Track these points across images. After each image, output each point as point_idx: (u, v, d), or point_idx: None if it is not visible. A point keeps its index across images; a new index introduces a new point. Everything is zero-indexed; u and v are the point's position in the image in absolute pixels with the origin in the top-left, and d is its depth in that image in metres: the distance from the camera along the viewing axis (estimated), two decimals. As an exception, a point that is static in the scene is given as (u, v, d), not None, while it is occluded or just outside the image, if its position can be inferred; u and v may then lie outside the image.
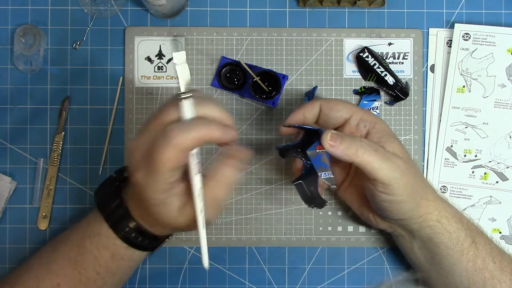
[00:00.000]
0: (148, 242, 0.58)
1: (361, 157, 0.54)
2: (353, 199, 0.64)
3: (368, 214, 0.63)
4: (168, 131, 0.48)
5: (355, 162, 0.55)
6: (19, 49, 0.69)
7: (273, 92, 0.68)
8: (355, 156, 0.54)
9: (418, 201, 0.59)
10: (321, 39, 0.70)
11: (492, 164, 0.69)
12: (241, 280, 0.70)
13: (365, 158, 0.54)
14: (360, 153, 0.54)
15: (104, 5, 0.70)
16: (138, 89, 0.70)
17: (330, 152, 0.55)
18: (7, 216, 0.69)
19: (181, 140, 0.48)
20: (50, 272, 0.57)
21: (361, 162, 0.54)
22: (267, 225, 0.70)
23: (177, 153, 0.48)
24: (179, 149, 0.48)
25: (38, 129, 0.70)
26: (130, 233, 0.57)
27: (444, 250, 0.60)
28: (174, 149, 0.48)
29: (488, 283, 0.59)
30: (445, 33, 0.70)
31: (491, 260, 0.60)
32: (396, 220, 0.60)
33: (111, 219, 0.57)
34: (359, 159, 0.54)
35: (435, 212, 0.60)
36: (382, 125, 0.59)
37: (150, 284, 0.69)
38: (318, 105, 0.60)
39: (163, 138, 0.48)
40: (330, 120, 0.60)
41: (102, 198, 0.58)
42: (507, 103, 0.69)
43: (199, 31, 0.70)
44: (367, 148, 0.55)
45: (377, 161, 0.54)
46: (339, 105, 0.59)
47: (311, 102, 0.60)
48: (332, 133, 0.55)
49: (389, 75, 0.68)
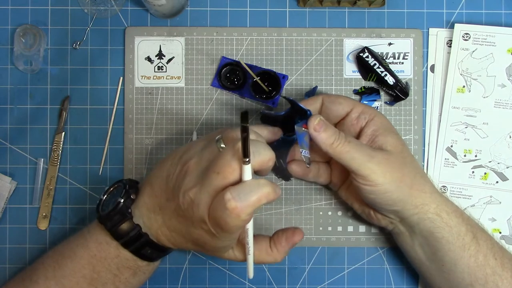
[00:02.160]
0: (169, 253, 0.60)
1: (335, 148, 0.56)
2: (354, 199, 0.65)
3: (369, 211, 0.63)
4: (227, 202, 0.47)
5: (330, 153, 0.57)
6: (19, 49, 0.69)
7: (273, 92, 0.69)
8: (331, 146, 0.56)
9: (407, 190, 0.59)
10: (321, 39, 0.70)
11: (492, 164, 0.69)
12: (241, 280, 0.70)
13: (339, 150, 0.56)
14: (335, 144, 0.56)
15: (104, 5, 0.70)
16: (138, 89, 0.70)
17: (312, 136, 0.56)
18: (7, 216, 0.69)
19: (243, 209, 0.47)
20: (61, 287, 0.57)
21: (335, 153, 0.56)
22: (267, 225, 0.70)
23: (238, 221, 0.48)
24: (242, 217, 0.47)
25: (38, 129, 0.70)
26: (152, 254, 0.57)
27: (446, 245, 0.60)
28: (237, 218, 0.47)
29: (490, 279, 0.59)
30: (445, 33, 0.70)
31: (492, 256, 0.60)
32: (392, 212, 0.60)
33: (132, 246, 0.56)
34: (333, 150, 0.56)
35: (432, 204, 0.60)
36: (381, 118, 0.61)
37: (150, 284, 0.69)
38: (320, 99, 0.62)
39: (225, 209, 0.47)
40: (332, 113, 0.62)
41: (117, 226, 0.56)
42: (507, 103, 0.69)
43: (199, 31, 0.70)
44: (342, 139, 0.56)
45: (350, 151, 0.56)
46: (340, 98, 0.62)
47: (314, 97, 0.62)
48: (320, 119, 0.57)
49: (389, 75, 0.68)
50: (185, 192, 0.51)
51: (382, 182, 0.57)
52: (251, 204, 0.47)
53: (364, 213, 0.64)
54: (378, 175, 0.57)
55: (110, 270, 0.57)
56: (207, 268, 0.70)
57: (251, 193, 0.47)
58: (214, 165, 0.49)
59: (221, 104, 0.70)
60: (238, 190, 0.47)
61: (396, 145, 0.59)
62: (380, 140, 0.59)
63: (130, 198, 0.57)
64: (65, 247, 0.59)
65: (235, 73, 0.69)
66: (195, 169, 0.52)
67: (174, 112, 0.70)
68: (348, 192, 0.65)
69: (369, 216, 0.64)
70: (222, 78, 0.69)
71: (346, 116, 0.61)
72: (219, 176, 0.48)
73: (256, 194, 0.47)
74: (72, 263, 0.57)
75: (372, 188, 0.57)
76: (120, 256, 0.57)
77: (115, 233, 0.56)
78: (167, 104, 0.70)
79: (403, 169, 0.59)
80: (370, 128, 0.60)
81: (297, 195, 0.70)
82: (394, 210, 0.60)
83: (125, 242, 0.56)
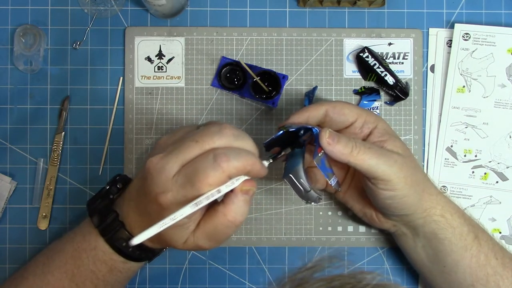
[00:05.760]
0: (145, 255, 0.58)
1: (356, 156, 0.54)
2: (354, 201, 0.64)
3: (371, 214, 0.62)
4: (218, 156, 0.48)
5: (351, 162, 0.54)
6: (19, 49, 0.69)
7: (273, 92, 0.68)
8: (350, 155, 0.54)
9: (421, 194, 0.59)
10: (321, 39, 0.70)
11: (492, 164, 0.69)
12: (241, 280, 0.70)
13: (360, 157, 0.54)
14: (355, 152, 0.54)
15: (104, 5, 0.70)
16: (138, 89, 0.70)
17: (328, 151, 0.54)
18: (7, 216, 0.69)
19: (230, 166, 0.48)
20: (46, 284, 0.57)
21: (356, 161, 0.54)
22: (267, 225, 0.70)
23: (222, 178, 0.48)
24: (225, 175, 0.48)
25: (38, 129, 0.70)
26: (127, 248, 0.56)
27: (448, 246, 0.60)
28: (221, 174, 0.48)
29: (491, 279, 0.59)
30: (445, 33, 0.70)
31: (493, 256, 0.60)
32: (401, 216, 0.60)
33: (108, 234, 0.56)
34: (354, 158, 0.54)
35: (438, 206, 0.60)
36: (383, 125, 0.60)
37: (150, 284, 0.69)
38: (323, 109, 0.59)
39: (213, 161, 0.48)
40: (336, 124, 0.59)
41: (97, 212, 0.57)
42: (507, 103, 0.69)
43: (199, 31, 0.70)
44: (361, 147, 0.55)
45: (372, 158, 0.54)
46: (345, 109, 0.59)
47: (316, 105, 0.59)
48: (330, 131, 0.55)
49: (389, 75, 0.68)
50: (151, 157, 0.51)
51: (402, 187, 0.56)
52: (239, 164, 0.48)
53: (365, 216, 0.64)
54: (400, 179, 0.56)
55: (88, 265, 0.57)
56: (207, 268, 0.70)
57: (240, 154, 0.49)
58: (194, 134, 0.50)
59: (221, 104, 0.70)
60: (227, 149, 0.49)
61: (405, 149, 0.59)
62: (389, 145, 0.58)
63: (116, 187, 0.58)
64: (57, 243, 0.60)
65: (235, 73, 0.69)
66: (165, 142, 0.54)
67: (174, 112, 0.70)
68: (347, 195, 0.64)
69: (371, 219, 0.63)
70: (222, 78, 0.69)
71: (350, 125, 0.60)
72: (197, 144, 0.49)
73: (245, 156, 0.49)
74: (59, 258, 0.58)
75: (391, 193, 0.56)
76: (97, 248, 0.57)
77: (95, 219, 0.57)
78: (167, 104, 0.70)
79: (416, 172, 0.59)
80: (376, 136, 0.59)
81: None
82: (404, 214, 0.59)
83: (102, 230, 0.56)
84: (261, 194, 0.70)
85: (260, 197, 0.70)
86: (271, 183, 0.70)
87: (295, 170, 0.56)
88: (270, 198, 0.70)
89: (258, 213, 0.70)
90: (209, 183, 0.48)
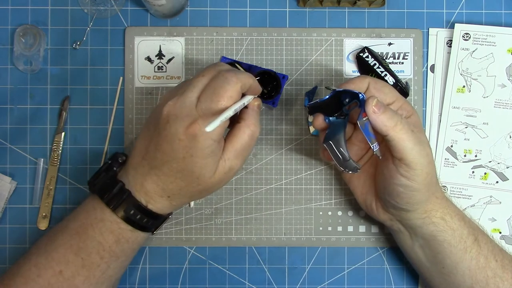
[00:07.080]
0: (152, 222, 0.59)
1: (398, 132, 0.54)
2: (359, 185, 0.63)
3: (372, 202, 0.62)
4: (227, 73, 0.55)
5: (390, 135, 0.54)
6: (19, 49, 0.69)
7: (273, 92, 0.68)
8: (392, 129, 0.54)
9: (430, 196, 0.59)
10: (321, 39, 0.70)
11: (492, 164, 0.69)
12: (241, 280, 0.70)
13: (401, 135, 0.54)
14: (398, 128, 0.54)
15: (104, 5, 0.70)
16: (138, 89, 0.70)
17: (372, 119, 0.54)
18: (7, 216, 0.69)
19: (240, 78, 0.55)
20: (50, 261, 0.58)
21: (395, 137, 0.54)
22: (267, 225, 0.70)
23: (237, 89, 0.54)
24: (239, 86, 0.54)
25: (38, 129, 0.70)
26: (135, 215, 0.57)
27: (448, 248, 0.60)
28: (236, 85, 0.54)
29: (490, 282, 0.59)
30: (445, 33, 0.70)
31: (493, 258, 0.60)
32: (400, 211, 0.59)
33: (115, 203, 0.57)
34: (394, 133, 0.54)
35: (440, 210, 0.60)
36: (417, 118, 0.60)
37: (150, 284, 0.69)
38: (367, 82, 0.59)
39: (225, 78, 0.54)
40: None
41: (102, 185, 0.58)
42: (507, 103, 0.69)
43: (199, 31, 0.70)
44: (406, 125, 0.55)
45: (411, 141, 0.55)
46: (386, 88, 0.60)
47: (361, 77, 0.60)
48: (378, 99, 0.55)
49: (389, 75, 0.68)
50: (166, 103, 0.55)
51: (420, 181, 0.56)
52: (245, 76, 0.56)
53: (365, 202, 0.63)
54: (423, 173, 0.56)
55: (94, 237, 0.57)
56: (207, 268, 0.70)
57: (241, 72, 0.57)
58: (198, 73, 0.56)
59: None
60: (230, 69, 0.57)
61: None
62: None
63: (117, 161, 0.61)
64: (59, 224, 0.61)
65: (235, 73, 0.69)
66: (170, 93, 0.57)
67: (174, 112, 0.70)
68: (355, 177, 0.64)
69: (370, 207, 0.63)
70: (222, 78, 0.69)
71: None
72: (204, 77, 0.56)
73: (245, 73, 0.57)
74: (63, 235, 0.59)
75: (408, 181, 0.56)
76: (104, 219, 0.58)
77: (100, 191, 0.58)
78: (167, 104, 0.70)
79: (435, 174, 0.59)
80: None
81: (297, 195, 0.70)
82: (405, 210, 0.59)
83: (108, 201, 0.57)
84: (261, 194, 0.70)
85: (260, 197, 0.70)
86: (271, 184, 0.70)
87: (336, 138, 0.58)
88: (270, 198, 0.70)
89: (258, 213, 0.70)
90: (230, 95, 0.54)
